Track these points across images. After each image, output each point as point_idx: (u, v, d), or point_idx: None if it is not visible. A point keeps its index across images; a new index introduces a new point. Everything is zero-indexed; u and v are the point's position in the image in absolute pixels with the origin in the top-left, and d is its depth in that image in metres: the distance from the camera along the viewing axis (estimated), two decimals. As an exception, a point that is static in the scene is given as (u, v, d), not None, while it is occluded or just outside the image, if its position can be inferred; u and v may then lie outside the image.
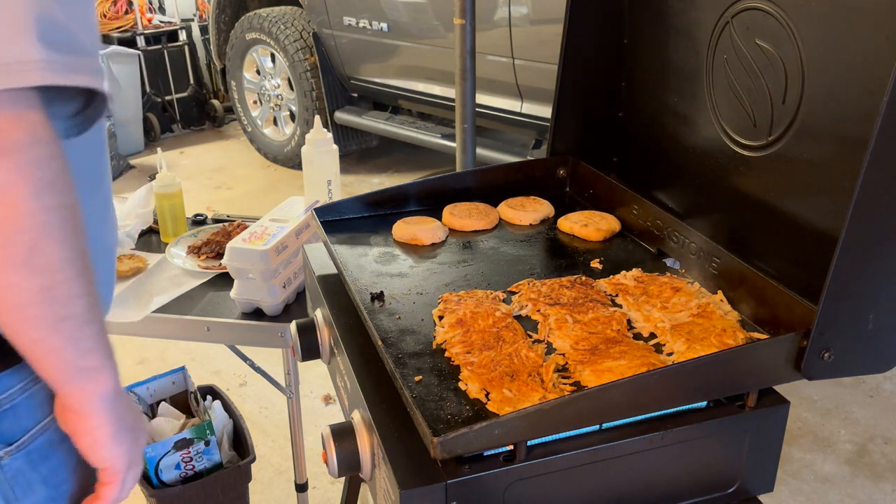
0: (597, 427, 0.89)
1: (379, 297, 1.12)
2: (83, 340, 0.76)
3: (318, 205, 1.39)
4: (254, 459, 1.77)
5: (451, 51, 2.38)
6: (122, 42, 5.39)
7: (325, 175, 1.72)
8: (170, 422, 1.74)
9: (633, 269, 1.18)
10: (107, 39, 5.44)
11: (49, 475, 0.88)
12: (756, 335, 1.00)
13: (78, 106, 0.76)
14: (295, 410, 2.00)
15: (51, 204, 0.69)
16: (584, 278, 1.16)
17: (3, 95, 0.66)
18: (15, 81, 0.65)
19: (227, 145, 5.71)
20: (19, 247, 0.69)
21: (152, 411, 1.82)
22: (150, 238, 1.92)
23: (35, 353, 0.75)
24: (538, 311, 1.07)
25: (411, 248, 1.29)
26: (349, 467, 0.93)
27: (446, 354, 0.98)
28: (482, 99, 3.59)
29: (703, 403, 0.94)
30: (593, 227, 1.32)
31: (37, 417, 0.85)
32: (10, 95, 0.66)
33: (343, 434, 0.94)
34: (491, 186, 1.46)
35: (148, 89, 5.53)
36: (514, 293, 1.13)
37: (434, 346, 1.00)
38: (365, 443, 0.92)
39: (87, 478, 0.90)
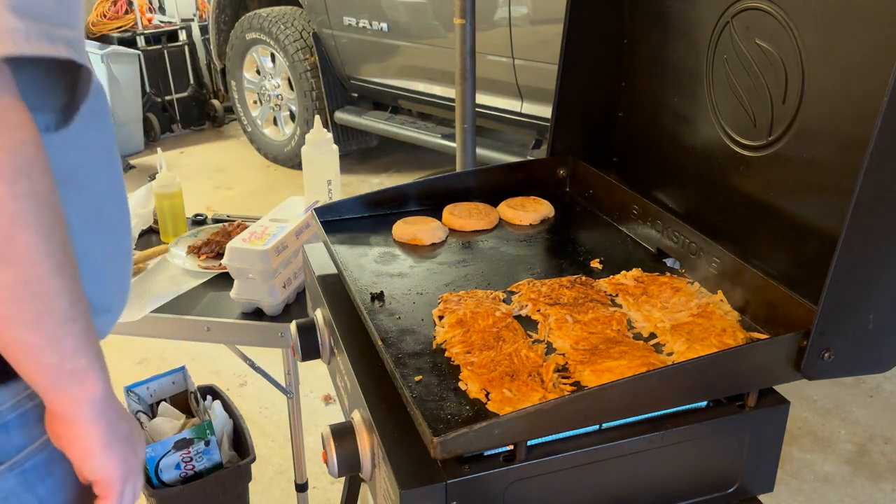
0: (597, 427, 0.89)
1: (379, 297, 1.12)
2: (66, 340, 0.71)
3: (318, 205, 1.39)
4: (254, 459, 1.77)
5: (451, 51, 2.38)
6: (122, 42, 5.39)
7: (325, 175, 1.72)
8: (170, 422, 1.74)
9: (633, 269, 1.18)
10: (107, 39, 5.45)
11: (47, 497, 0.84)
12: (756, 335, 1.00)
13: (64, 99, 0.71)
14: (295, 410, 2.00)
15: (22, 191, 0.64)
16: (584, 278, 1.16)
17: None
18: None
19: (227, 145, 5.71)
20: None
21: (152, 411, 1.82)
22: (150, 238, 1.92)
23: (15, 355, 0.70)
24: (538, 311, 1.07)
25: (411, 248, 1.29)
26: (349, 467, 0.93)
27: (446, 354, 0.98)
28: (482, 99, 3.59)
29: (703, 403, 0.94)
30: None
31: (32, 435, 0.81)
32: None
33: (343, 434, 0.94)
34: (491, 186, 1.46)
35: (148, 89, 5.53)
36: (514, 293, 1.13)
37: (434, 346, 1.00)
38: (365, 443, 0.92)
39: (89, 500, 0.85)
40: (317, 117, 1.84)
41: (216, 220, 2.01)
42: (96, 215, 0.85)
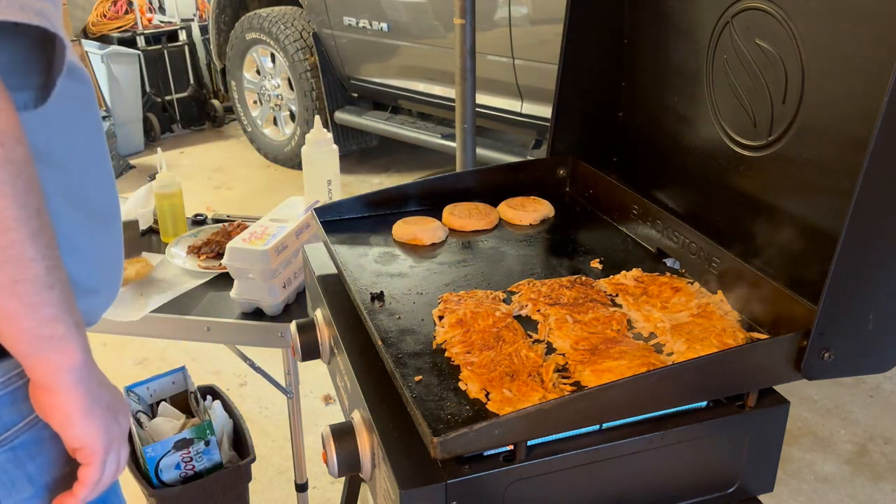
0: (597, 427, 0.89)
1: (379, 297, 1.12)
2: (44, 307, 0.71)
3: (318, 205, 1.39)
4: (254, 459, 1.77)
5: (451, 51, 2.38)
6: (122, 42, 5.39)
7: (325, 175, 1.72)
8: (170, 422, 1.74)
9: (633, 269, 1.18)
10: (107, 39, 5.45)
11: (36, 473, 0.85)
12: (756, 335, 1.00)
13: (42, 78, 0.73)
14: (295, 410, 2.00)
15: None
16: (584, 278, 1.16)
17: None
18: None
19: (227, 145, 5.71)
20: None
21: (152, 411, 1.82)
22: (150, 238, 1.92)
23: None
24: (538, 311, 1.07)
25: (411, 248, 1.29)
26: (349, 467, 0.93)
27: (446, 354, 0.98)
28: (482, 99, 3.59)
29: (703, 403, 0.94)
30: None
31: (22, 413, 0.82)
32: None
33: (343, 434, 0.94)
34: (491, 186, 1.46)
35: (148, 89, 5.53)
36: (514, 293, 1.13)
37: (434, 346, 1.00)
38: (365, 443, 0.92)
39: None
40: (317, 117, 1.85)
41: (216, 220, 2.01)
42: (80, 199, 0.86)
